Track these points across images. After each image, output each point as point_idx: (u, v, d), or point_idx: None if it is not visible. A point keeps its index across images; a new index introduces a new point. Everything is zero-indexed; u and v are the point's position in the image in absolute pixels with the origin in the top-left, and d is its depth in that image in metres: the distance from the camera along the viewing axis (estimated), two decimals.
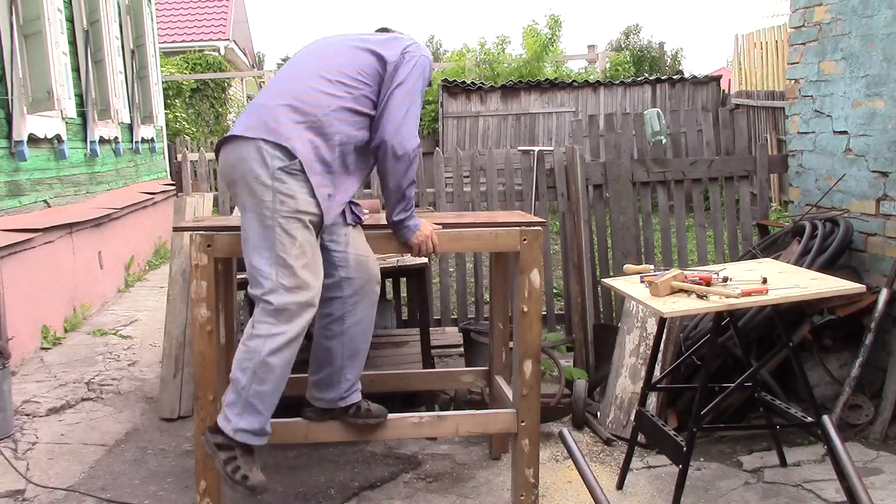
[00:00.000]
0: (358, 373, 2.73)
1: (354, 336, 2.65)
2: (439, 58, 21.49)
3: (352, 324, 2.63)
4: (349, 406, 2.77)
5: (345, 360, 2.67)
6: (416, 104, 2.60)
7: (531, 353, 2.79)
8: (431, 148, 9.90)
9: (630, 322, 3.79)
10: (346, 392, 2.74)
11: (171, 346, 4.00)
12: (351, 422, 2.77)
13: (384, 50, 2.60)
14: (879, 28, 3.76)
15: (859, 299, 3.50)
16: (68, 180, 6.39)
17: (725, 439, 3.52)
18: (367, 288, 2.64)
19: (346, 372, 2.70)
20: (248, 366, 2.42)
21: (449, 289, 5.11)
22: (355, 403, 2.78)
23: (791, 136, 4.56)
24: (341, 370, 2.69)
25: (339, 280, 2.60)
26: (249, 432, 2.46)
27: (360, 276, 2.62)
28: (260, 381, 2.42)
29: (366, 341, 2.69)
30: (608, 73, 14.43)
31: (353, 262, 2.63)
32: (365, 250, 2.69)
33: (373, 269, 2.66)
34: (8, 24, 5.18)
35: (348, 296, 2.61)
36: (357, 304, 2.62)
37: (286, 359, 2.44)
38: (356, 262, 2.63)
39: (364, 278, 2.63)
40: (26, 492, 3.14)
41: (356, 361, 2.71)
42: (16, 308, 4.63)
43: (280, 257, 2.42)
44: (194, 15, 18.50)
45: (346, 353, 2.66)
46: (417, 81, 2.59)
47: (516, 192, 4.87)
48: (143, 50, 9.10)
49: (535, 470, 2.82)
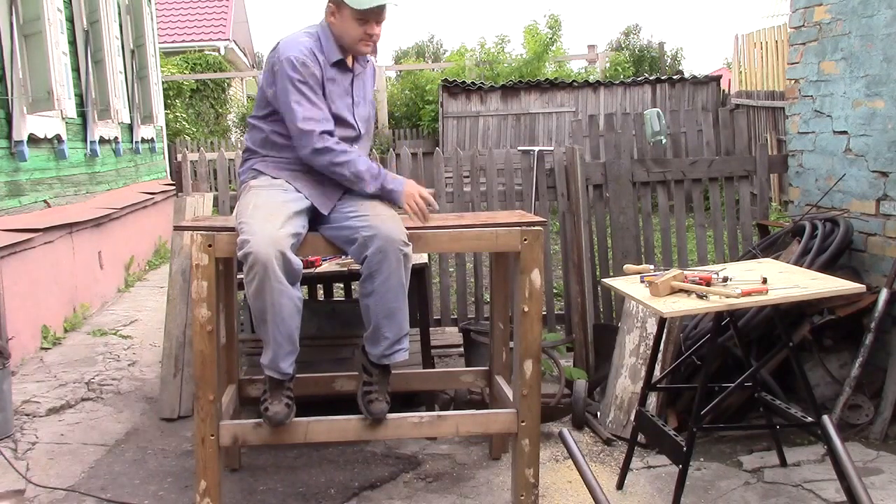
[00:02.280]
0: (398, 333, 2.79)
1: (385, 294, 2.71)
2: (439, 58, 21.51)
3: (381, 281, 2.70)
4: (371, 373, 2.87)
5: (380, 319, 2.76)
6: (297, 101, 2.78)
7: (531, 353, 2.79)
8: (431, 148, 9.93)
9: (630, 322, 3.79)
10: (387, 350, 2.81)
11: (171, 346, 4.00)
12: (359, 397, 2.87)
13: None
14: (879, 28, 3.76)
15: (859, 299, 3.49)
16: (68, 180, 6.39)
17: (725, 439, 3.52)
18: (389, 246, 2.67)
19: (384, 330, 2.78)
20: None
21: (449, 289, 5.11)
22: (373, 377, 2.86)
23: (791, 136, 4.56)
24: (379, 328, 2.78)
25: (364, 240, 2.69)
26: (266, 366, 2.72)
27: (380, 233, 2.68)
28: (260, 321, 2.67)
29: (398, 300, 2.74)
30: (608, 73, 14.43)
31: (373, 221, 2.71)
32: (383, 210, 2.80)
33: (390, 229, 2.70)
34: (8, 24, 5.18)
35: (372, 254, 2.67)
36: (382, 263, 2.67)
37: (265, 302, 2.60)
38: (375, 221, 2.71)
39: (384, 237, 2.67)
40: (26, 492, 3.14)
41: (393, 321, 2.77)
42: (16, 308, 4.63)
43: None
44: (194, 15, 18.50)
45: (380, 312, 2.75)
46: (284, 81, 2.78)
47: (516, 192, 4.87)
48: (143, 50, 9.10)
49: (535, 470, 2.82)
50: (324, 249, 2.83)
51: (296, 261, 2.64)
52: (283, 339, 2.68)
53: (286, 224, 2.66)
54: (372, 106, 3.08)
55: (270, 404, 2.72)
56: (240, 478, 3.26)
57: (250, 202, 2.75)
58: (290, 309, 2.65)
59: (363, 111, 2.99)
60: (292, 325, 2.68)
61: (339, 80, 2.89)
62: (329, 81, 2.85)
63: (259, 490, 3.16)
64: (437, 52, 28.92)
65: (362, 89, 3.00)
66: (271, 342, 2.68)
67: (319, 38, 2.86)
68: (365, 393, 2.85)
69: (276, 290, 2.59)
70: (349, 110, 2.92)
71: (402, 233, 2.71)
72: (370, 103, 3.06)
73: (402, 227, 2.74)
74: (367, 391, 2.85)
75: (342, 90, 2.90)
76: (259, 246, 2.56)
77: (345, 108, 2.90)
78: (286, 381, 2.76)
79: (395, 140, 13.71)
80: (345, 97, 2.91)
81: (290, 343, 2.70)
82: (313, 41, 2.84)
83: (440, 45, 34.05)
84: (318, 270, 3.67)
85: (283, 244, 2.60)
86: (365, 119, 3.00)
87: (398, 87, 15.07)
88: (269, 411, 2.71)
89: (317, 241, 2.80)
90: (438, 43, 35.08)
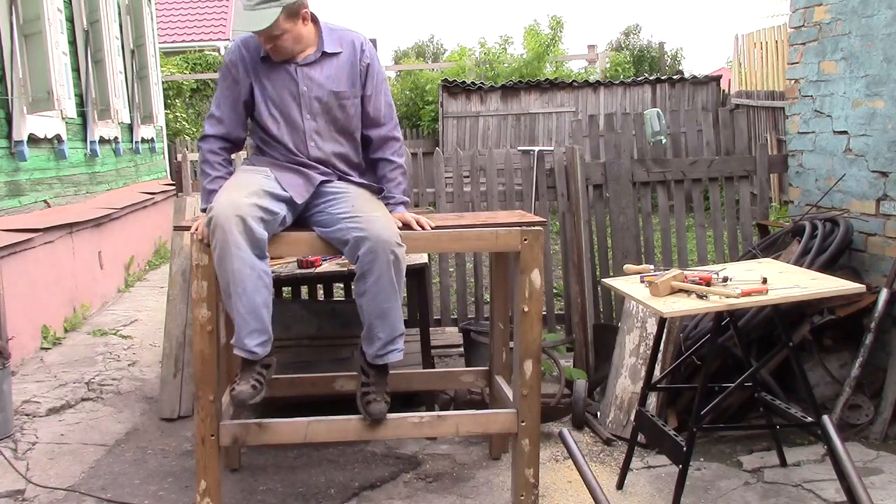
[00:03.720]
0: (391, 334, 2.77)
1: (377, 294, 2.70)
2: (439, 58, 21.50)
3: (372, 282, 2.68)
4: (369, 374, 2.84)
5: (373, 319, 2.74)
6: (215, 99, 2.94)
7: (531, 353, 2.79)
8: (431, 148, 9.92)
9: (630, 322, 3.79)
10: (381, 350, 2.79)
11: (171, 346, 4.00)
12: (358, 398, 2.85)
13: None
14: (879, 28, 3.76)
15: (859, 299, 3.49)
16: (68, 180, 6.39)
17: (725, 439, 3.52)
18: (379, 247, 2.65)
19: (376, 331, 2.76)
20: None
21: (449, 289, 5.11)
22: (370, 378, 2.83)
23: (791, 136, 4.56)
24: (372, 328, 2.76)
25: (355, 241, 2.67)
26: (234, 344, 2.69)
27: (370, 234, 2.66)
28: (226, 295, 2.65)
29: (389, 301, 2.72)
30: (608, 73, 14.43)
31: (364, 223, 2.69)
32: (375, 210, 2.78)
33: (381, 229, 2.68)
34: (8, 24, 5.18)
35: (363, 255, 2.66)
36: (373, 263, 2.66)
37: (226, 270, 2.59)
38: (366, 222, 2.69)
39: (375, 237, 2.66)
40: (26, 492, 3.14)
41: (385, 321, 2.75)
42: (16, 308, 4.63)
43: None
44: (194, 15, 18.50)
45: (372, 312, 2.74)
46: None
47: (516, 192, 4.87)
48: (143, 50, 9.10)
49: (535, 470, 2.82)
50: (322, 250, 2.82)
51: (259, 230, 2.60)
52: (247, 312, 2.62)
53: (252, 196, 2.65)
54: (350, 84, 2.90)
55: (237, 384, 2.68)
56: (240, 478, 3.26)
57: (225, 184, 2.78)
58: (255, 281, 2.60)
59: (320, 95, 2.86)
60: (257, 300, 2.62)
61: (276, 72, 2.83)
62: (261, 76, 2.84)
63: (259, 490, 3.16)
64: (437, 52, 28.91)
65: (323, 73, 2.86)
66: (236, 316, 2.64)
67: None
68: (363, 394, 2.83)
69: (237, 258, 2.56)
70: (294, 100, 2.85)
71: (393, 234, 2.69)
72: (346, 82, 2.89)
73: (394, 228, 2.72)
74: (365, 392, 2.83)
75: (283, 80, 2.84)
76: (219, 209, 2.58)
77: (289, 97, 2.85)
78: (257, 363, 2.70)
79: None
80: (290, 86, 2.84)
81: (255, 319, 2.64)
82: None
83: (440, 45, 34.01)
84: (318, 270, 3.67)
85: (245, 211, 2.58)
86: (324, 103, 2.86)
87: (398, 87, 15.05)
88: (234, 391, 2.66)
89: (316, 241, 2.80)
90: (438, 43, 35.04)
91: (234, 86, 2.87)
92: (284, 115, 2.86)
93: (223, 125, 2.90)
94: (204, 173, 2.90)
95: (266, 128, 2.89)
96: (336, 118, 2.91)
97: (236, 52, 2.86)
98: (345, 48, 2.90)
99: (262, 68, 2.85)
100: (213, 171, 2.88)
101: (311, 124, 2.87)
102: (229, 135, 2.92)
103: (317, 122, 2.88)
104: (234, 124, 2.90)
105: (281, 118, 2.86)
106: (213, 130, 2.91)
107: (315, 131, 2.88)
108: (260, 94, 2.85)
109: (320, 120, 2.89)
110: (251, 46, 2.85)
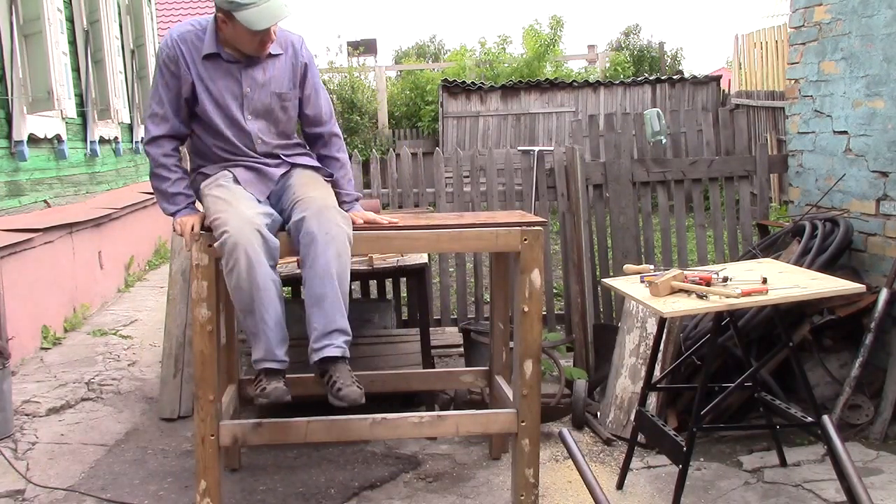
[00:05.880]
0: (326, 326, 2.59)
1: (312, 279, 2.61)
2: (439, 58, 21.48)
3: (308, 265, 2.62)
4: (324, 371, 2.63)
5: (310, 307, 2.62)
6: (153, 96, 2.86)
7: (531, 353, 2.79)
8: (431, 148, 9.91)
9: (630, 322, 3.79)
10: (315, 343, 2.61)
11: (171, 346, 4.00)
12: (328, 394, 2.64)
13: None
14: (879, 28, 3.76)
15: (859, 299, 3.49)
16: (68, 180, 6.39)
17: (725, 439, 3.52)
18: (315, 228, 2.61)
19: (312, 320, 2.61)
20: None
21: (449, 289, 5.11)
22: (328, 372, 2.62)
23: (791, 136, 4.56)
24: (309, 318, 2.63)
25: (294, 225, 2.65)
26: (260, 360, 2.64)
27: (308, 215, 2.63)
28: (246, 313, 2.62)
29: (324, 286, 2.58)
30: (608, 73, 14.43)
31: (302, 205, 2.67)
32: (316, 192, 2.74)
33: (318, 210, 2.63)
34: (8, 24, 5.18)
35: (302, 237, 2.62)
36: (309, 246, 2.61)
37: (251, 286, 2.56)
38: (304, 204, 2.67)
39: (312, 217, 2.62)
40: (26, 492, 3.14)
41: (321, 310, 2.59)
42: (16, 308, 4.63)
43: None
44: (194, 15, 18.44)
45: (309, 299, 2.64)
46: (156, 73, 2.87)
47: (516, 192, 4.87)
48: (143, 50, 9.10)
49: (535, 470, 2.82)
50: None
51: (272, 240, 2.62)
52: (275, 324, 2.60)
53: (255, 207, 2.67)
54: (291, 86, 2.88)
55: (267, 384, 2.59)
56: (240, 478, 3.26)
57: (213, 202, 2.71)
58: (277, 291, 2.60)
59: (263, 97, 2.83)
60: (280, 309, 2.62)
61: (218, 72, 2.79)
62: (202, 74, 2.78)
63: (259, 490, 3.16)
64: (437, 52, 28.85)
65: (266, 74, 2.83)
66: (262, 332, 2.60)
67: (206, 31, 2.79)
68: (330, 386, 2.58)
69: (261, 274, 2.54)
70: (236, 100, 2.81)
71: (333, 214, 2.64)
72: (287, 83, 2.87)
73: (333, 210, 2.66)
74: (330, 385, 2.59)
75: (226, 81, 2.80)
76: (235, 228, 2.54)
77: (230, 98, 2.80)
78: (283, 372, 2.66)
79: (395, 140, 13.70)
80: (233, 87, 2.80)
81: (280, 329, 2.63)
82: (197, 30, 2.79)
83: (440, 45, 33.95)
84: None
85: (258, 222, 2.58)
86: (266, 105, 2.84)
87: (398, 87, 15.05)
88: (265, 389, 2.58)
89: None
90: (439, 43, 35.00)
91: (175, 81, 2.78)
92: (227, 115, 2.82)
93: (168, 123, 2.82)
94: (160, 177, 2.84)
95: (211, 124, 2.82)
96: (278, 119, 2.90)
97: (174, 47, 2.77)
98: (285, 49, 2.88)
99: (204, 67, 2.78)
100: (171, 174, 2.84)
101: (254, 125, 2.85)
102: (177, 132, 2.86)
103: (258, 123, 2.86)
104: (178, 121, 2.85)
105: (226, 117, 2.83)
106: (161, 130, 2.83)
107: (258, 130, 2.87)
108: (204, 92, 2.79)
109: (261, 122, 2.87)
110: (189, 42, 2.78)
